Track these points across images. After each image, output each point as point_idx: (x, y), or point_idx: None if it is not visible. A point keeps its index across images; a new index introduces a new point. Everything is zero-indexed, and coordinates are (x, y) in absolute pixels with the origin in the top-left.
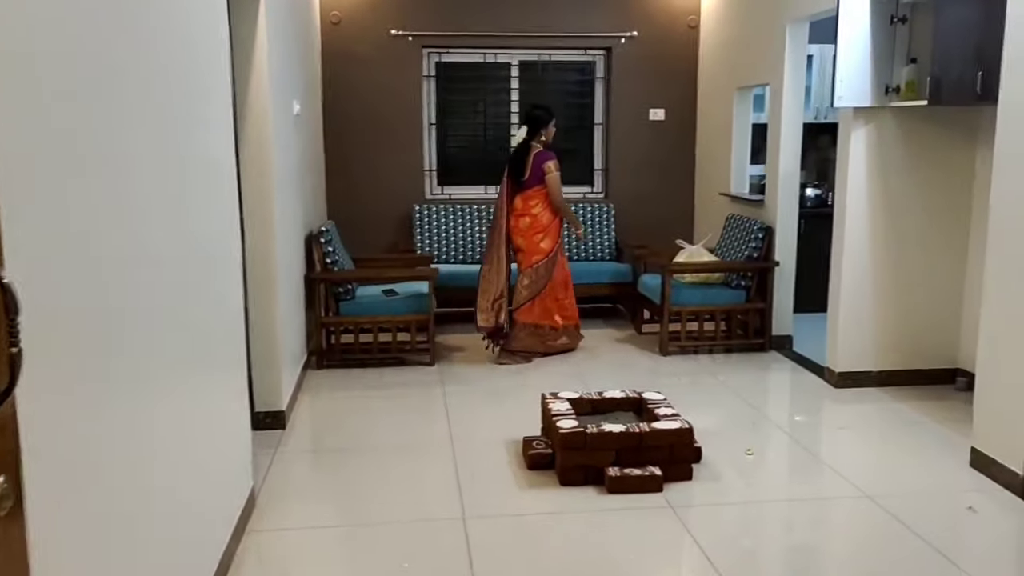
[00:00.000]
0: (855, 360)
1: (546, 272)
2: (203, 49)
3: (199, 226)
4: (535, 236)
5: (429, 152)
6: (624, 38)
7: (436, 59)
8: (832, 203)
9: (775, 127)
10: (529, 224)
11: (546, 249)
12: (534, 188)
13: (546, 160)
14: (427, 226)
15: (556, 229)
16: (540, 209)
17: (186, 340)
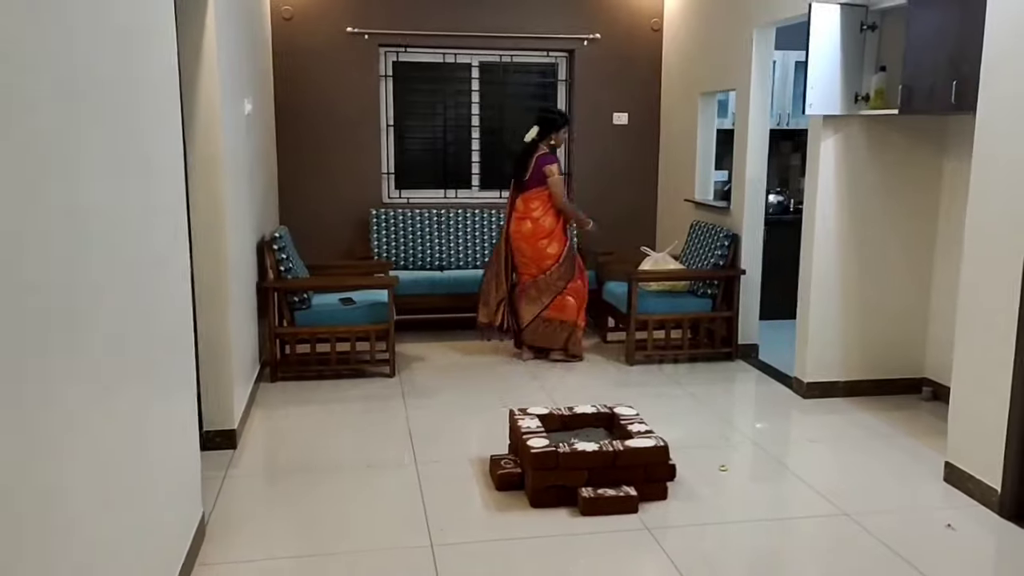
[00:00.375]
0: (823, 370)
1: (567, 272)
2: (146, 43)
3: (139, 230)
4: (539, 242)
5: (387, 154)
6: (586, 40)
7: (394, 58)
8: (794, 210)
9: (741, 133)
10: (532, 230)
11: (555, 254)
12: (534, 190)
13: (548, 163)
14: (385, 231)
15: (562, 232)
16: (541, 212)
17: (121, 353)
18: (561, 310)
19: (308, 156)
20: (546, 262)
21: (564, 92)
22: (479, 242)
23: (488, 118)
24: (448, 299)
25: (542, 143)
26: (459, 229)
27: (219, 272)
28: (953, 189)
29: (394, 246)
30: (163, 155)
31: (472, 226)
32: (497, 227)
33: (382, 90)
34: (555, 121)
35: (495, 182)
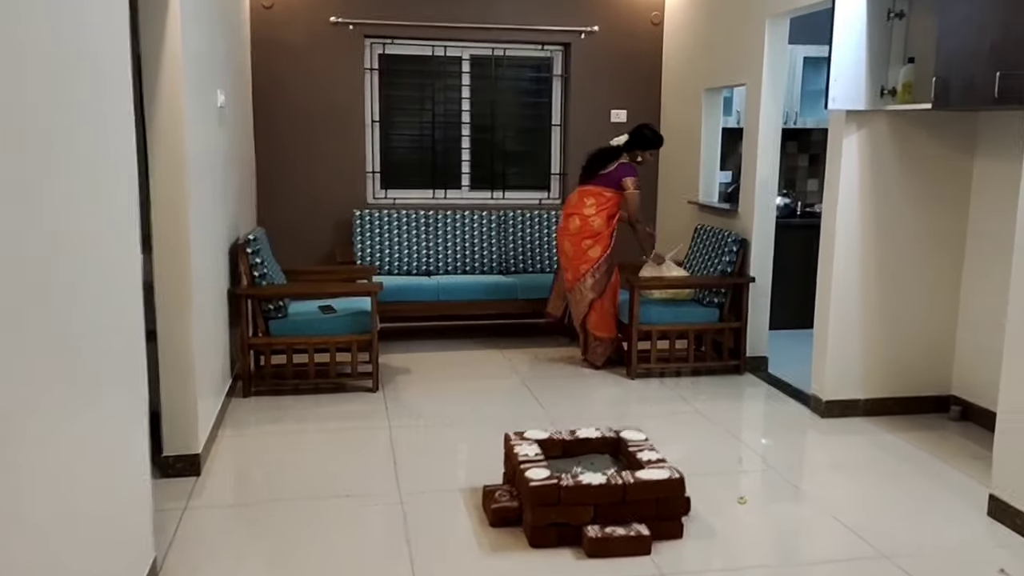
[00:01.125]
0: (843, 388)
1: (603, 278)
2: (88, 20)
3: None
4: (583, 241)
5: (372, 152)
6: (584, 33)
7: (380, 51)
8: (801, 213)
9: (751, 131)
10: (579, 227)
11: (595, 257)
12: (600, 187)
13: (630, 174)
14: (369, 234)
15: (608, 239)
16: (594, 211)
17: (54, 370)
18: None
19: (288, 153)
20: (583, 266)
21: (560, 88)
22: (469, 246)
23: (479, 115)
24: (436, 306)
25: (626, 153)
26: (448, 232)
27: (182, 278)
28: (983, 191)
29: (379, 249)
30: (113, 148)
31: (462, 229)
32: (487, 229)
33: (367, 84)
34: (648, 138)
35: (486, 182)
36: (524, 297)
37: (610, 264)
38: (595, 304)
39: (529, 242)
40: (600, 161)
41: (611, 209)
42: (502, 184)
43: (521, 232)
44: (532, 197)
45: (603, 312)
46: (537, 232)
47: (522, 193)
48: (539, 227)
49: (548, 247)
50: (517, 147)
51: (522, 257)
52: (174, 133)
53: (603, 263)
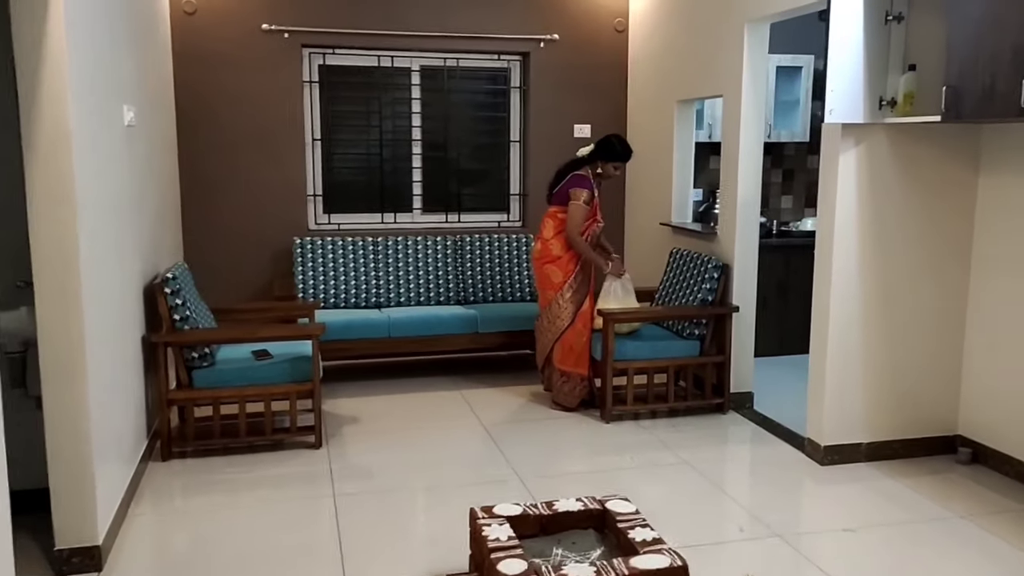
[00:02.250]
0: (843, 431)
1: (569, 306)
2: None
3: None
4: (544, 267)
5: (313, 173)
6: (543, 42)
7: (320, 61)
8: (778, 233)
9: (730, 146)
10: (540, 251)
11: (557, 283)
12: (554, 208)
13: (578, 186)
14: (311, 264)
15: (570, 263)
16: (552, 235)
17: None
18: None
19: (218, 176)
20: (548, 292)
21: (518, 101)
22: (422, 274)
23: (431, 130)
24: (388, 343)
25: (588, 165)
26: (399, 260)
27: (72, 333)
28: (989, 210)
29: (322, 281)
30: None
31: (414, 256)
32: (442, 255)
33: (306, 98)
34: (614, 148)
35: (439, 204)
36: (485, 330)
37: (577, 291)
38: (563, 335)
39: (489, 269)
40: (560, 176)
41: (565, 236)
42: (457, 206)
43: (480, 258)
44: (490, 219)
45: (569, 345)
46: (497, 257)
47: (479, 215)
48: (499, 252)
49: (510, 273)
50: (473, 165)
51: (482, 285)
52: (57, 158)
53: (567, 289)
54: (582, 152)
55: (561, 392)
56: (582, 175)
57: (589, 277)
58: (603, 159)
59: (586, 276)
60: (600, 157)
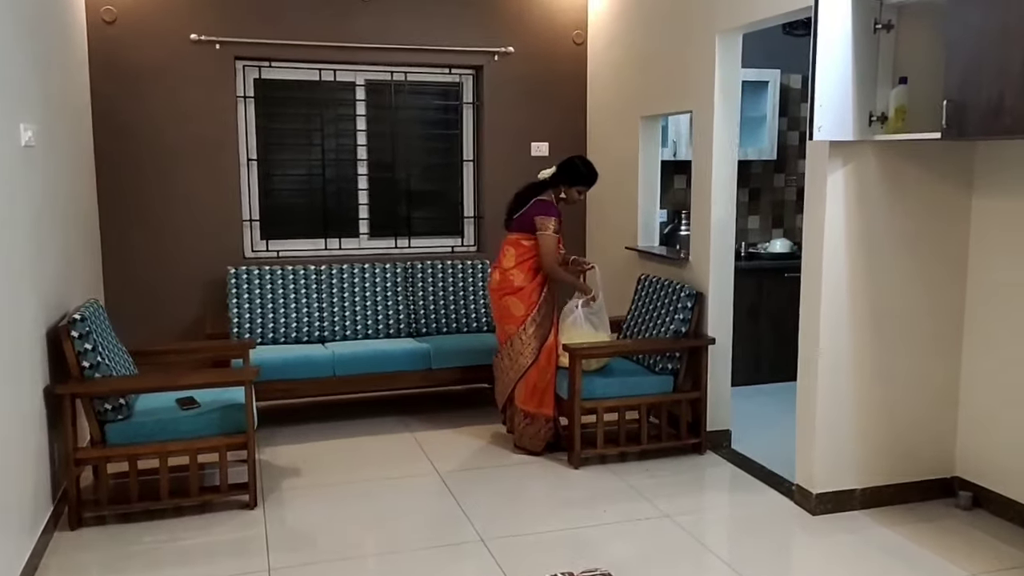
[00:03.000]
0: (835, 477)
1: (532, 341)
2: None
3: None
4: (503, 299)
5: (249, 196)
6: (497, 55)
7: (255, 75)
8: (745, 255)
9: (702, 166)
10: (499, 281)
11: (519, 316)
12: (516, 235)
13: (544, 213)
14: (247, 296)
15: (532, 295)
16: (512, 263)
17: None
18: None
19: (142, 201)
20: (509, 326)
21: (471, 117)
22: (370, 305)
23: (378, 149)
24: (332, 383)
25: (551, 189)
26: (345, 289)
27: None
28: (983, 235)
29: (260, 314)
30: None
31: (361, 285)
32: (392, 284)
33: (241, 115)
34: (578, 171)
35: (388, 229)
36: (439, 366)
37: (541, 324)
38: (526, 374)
39: (442, 298)
40: (520, 200)
41: (534, 261)
42: (407, 230)
43: (432, 286)
44: (443, 244)
45: (533, 384)
46: (451, 285)
47: (431, 240)
48: (453, 279)
49: (465, 303)
50: (424, 186)
51: (434, 316)
52: None
53: (530, 323)
54: (544, 175)
55: (525, 435)
56: (546, 201)
57: (553, 308)
58: (567, 183)
59: (550, 308)
60: (563, 181)
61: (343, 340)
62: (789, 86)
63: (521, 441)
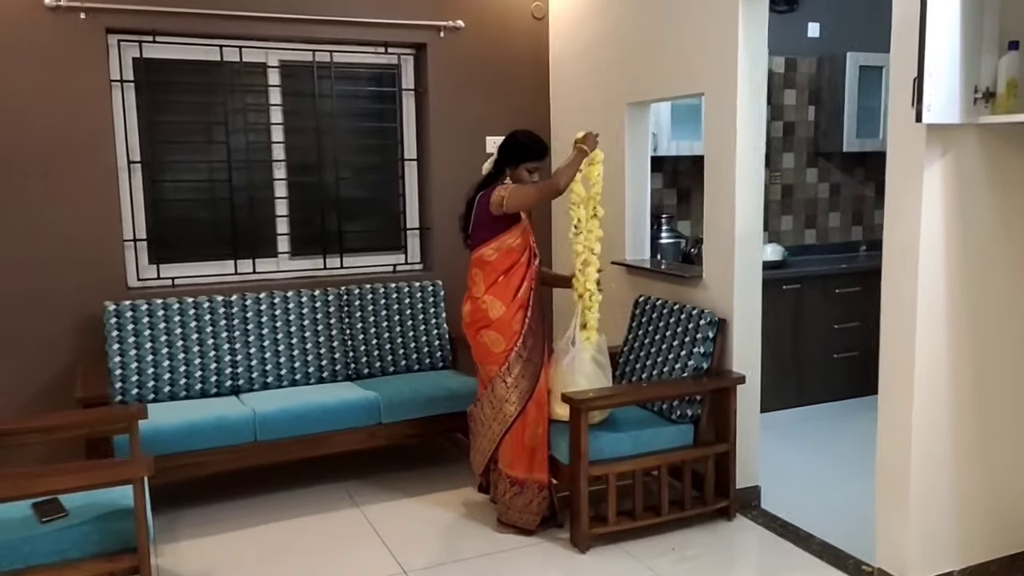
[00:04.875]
0: (930, 558)
1: (521, 382)
2: None
3: None
4: (480, 333)
5: (132, 209)
6: (443, 30)
7: (134, 53)
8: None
9: (720, 164)
10: (471, 313)
11: (499, 353)
12: (478, 250)
13: (490, 194)
14: (133, 339)
15: (514, 320)
16: (483, 289)
17: None
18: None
19: None
20: (490, 366)
21: (413, 107)
22: (296, 342)
23: (298, 148)
24: (253, 450)
25: (499, 183)
26: (263, 323)
27: None
28: None
29: (151, 363)
30: None
31: (284, 317)
32: (323, 314)
33: (117, 105)
34: (522, 146)
35: (314, 245)
36: (392, 419)
37: (529, 360)
38: (512, 428)
39: (387, 329)
40: (468, 211)
41: (512, 278)
42: (338, 247)
43: (374, 315)
44: (383, 263)
45: (521, 441)
46: (397, 313)
47: (368, 258)
48: (399, 305)
49: (415, 335)
50: (357, 192)
51: (379, 353)
52: None
53: (515, 360)
54: (486, 168)
55: (513, 508)
56: (491, 188)
57: (543, 340)
58: (512, 163)
59: (539, 339)
60: (508, 163)
61: (264, 390)
62: (772, 69)
63: (508, 516)
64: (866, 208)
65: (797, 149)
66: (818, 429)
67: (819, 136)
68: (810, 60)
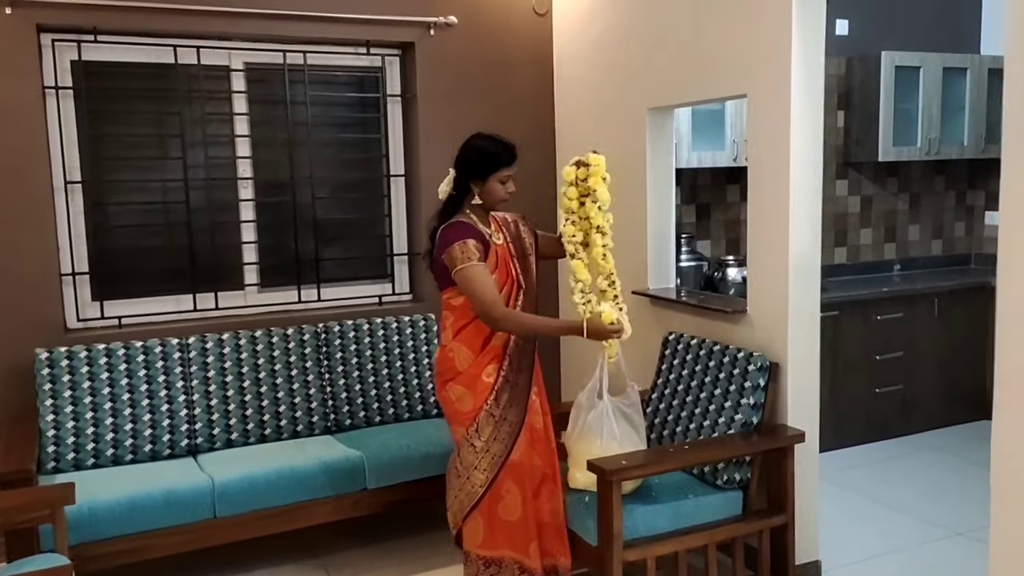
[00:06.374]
0: None
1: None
2: None
3: None
4: (445, 388)
5: (71, 237)
6: (433, 27)
7: (72, 55)
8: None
9: (768, 175)
10: (439, 363)
11: (466, 412)
12: (444, 292)
13: (449, 241)
14: (70, 392)
15: (481, 373)
16: (451, 335)
17: None
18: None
19: None
20: (456, 428)
21: (399, 115)
22: (266, 390)
23: (267, 164)
24: (212, 528)
25: (467, 205)
26: (227, 370)
27: None
28: None
29: (90, 421)
30: None
31: (251, 361)
32: (297, 357)
33: (53, 115)
34: (480, 153)
35: (287, 276)
36: (379, 484)
37: (503, 421)
38: (480, 504)
39: (372, 372)
40: (431, 243)
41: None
42: (315, 277)
43: (357, 356)
44: (367, 294)
45: (494, 515)
46: (384, 354)
47: (350, 289)
48: (386, 343)
49: (406, 377)
50: (336, 214)
51: (363, 401)
52: None
53: (484, 421)
54: (445, 190)
55: None
56: (457, 224)
57: (526, 394)
58: (476, 176)
59: (519, 394)
60: (474, 177)
61: (227, 448)
62: None
63: None
64: (899, 223)
65: (825, 159)
66: (868, 477)
67: (850, 144)
68: (839, 60)
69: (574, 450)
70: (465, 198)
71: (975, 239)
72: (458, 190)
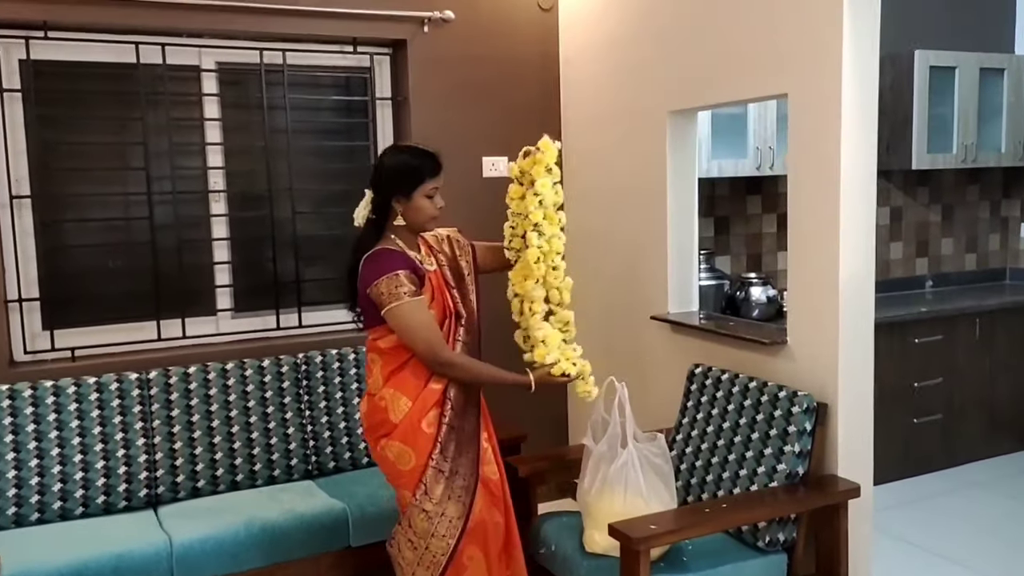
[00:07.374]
0: None
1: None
2: None
3: None
4: (379, 445)
5: (17, 260)
6: (427, 22)
7: (20, 54)
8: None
9: (814, 183)
10: (367, 415)
11: (407, 472)
12: (370, 332)
13: (373, 275)
14: (12, 435)
15: (421, 423)
16: (378, 380)
17: None
18: None
19: None
20: (401, 492)
21: (390, 120)
22: (238, 430)
23: (242, 175)
24: None
25: (388, 228)
26: (193, 408)
27: None
28: None
29: (35, 468)
30: None
31: (222, 398)
32: (275, 391)
33: None
34: (398, 165)
35: (263, 300)
36: (363, 541)
37: (455, 476)
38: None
39: (358, 408)
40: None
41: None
42: (295, 301)
43: (341, 389)
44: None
45: None
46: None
47: (334, 313)
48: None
49: None
50: (318, 230)
51: (347, 441)
52: None
53: (432, 480)
54: (362, 215)
55: None
56: (383, 252)
57: (474, 433)
58: (402, 193)
59: (464, 437)
60: (397, 194)
61: (193, 499)
62: None
63: None
64: (932, 236)
65: None
66: (913, 520)
67: (880, 151)
68: None
69: (593, 508)
70: (387, 221)
71: (1010, 252)
72: (378, 213)
